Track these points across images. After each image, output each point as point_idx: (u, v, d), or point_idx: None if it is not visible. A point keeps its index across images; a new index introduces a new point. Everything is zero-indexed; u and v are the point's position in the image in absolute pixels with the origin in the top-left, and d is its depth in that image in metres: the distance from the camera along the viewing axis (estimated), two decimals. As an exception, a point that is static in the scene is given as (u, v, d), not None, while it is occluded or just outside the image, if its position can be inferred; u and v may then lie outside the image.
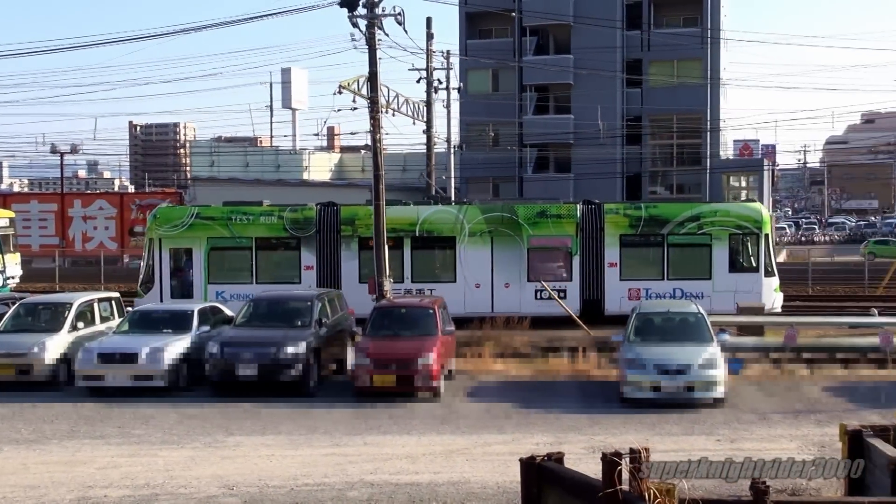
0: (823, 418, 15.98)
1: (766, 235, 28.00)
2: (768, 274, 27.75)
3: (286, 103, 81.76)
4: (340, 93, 27.65)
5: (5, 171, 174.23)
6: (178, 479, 12.71)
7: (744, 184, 61.16)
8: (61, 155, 70.94)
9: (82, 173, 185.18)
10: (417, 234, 28.14)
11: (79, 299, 21.75)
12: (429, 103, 38.46)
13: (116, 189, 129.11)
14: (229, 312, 22.23)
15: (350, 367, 20.32)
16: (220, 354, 18.73)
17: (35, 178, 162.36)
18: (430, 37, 38.59)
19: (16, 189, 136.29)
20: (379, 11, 24.65)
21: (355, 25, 24.60)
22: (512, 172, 54.38)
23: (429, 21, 38.95)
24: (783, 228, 77.77)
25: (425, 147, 39.33)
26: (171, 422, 16.45)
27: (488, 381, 20.29)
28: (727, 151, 66.77)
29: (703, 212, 28.22)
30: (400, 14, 25.09)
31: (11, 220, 33.84)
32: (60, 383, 19.70)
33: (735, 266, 27.77)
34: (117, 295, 23.84)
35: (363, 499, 11.83)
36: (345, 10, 24.28)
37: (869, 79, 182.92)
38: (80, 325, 21.06)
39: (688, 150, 56.53)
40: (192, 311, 20.77)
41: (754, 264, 27.82)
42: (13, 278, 32.38)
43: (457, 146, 43.50)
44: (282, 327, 19.62)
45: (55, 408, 17.72)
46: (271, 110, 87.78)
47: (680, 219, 27.87)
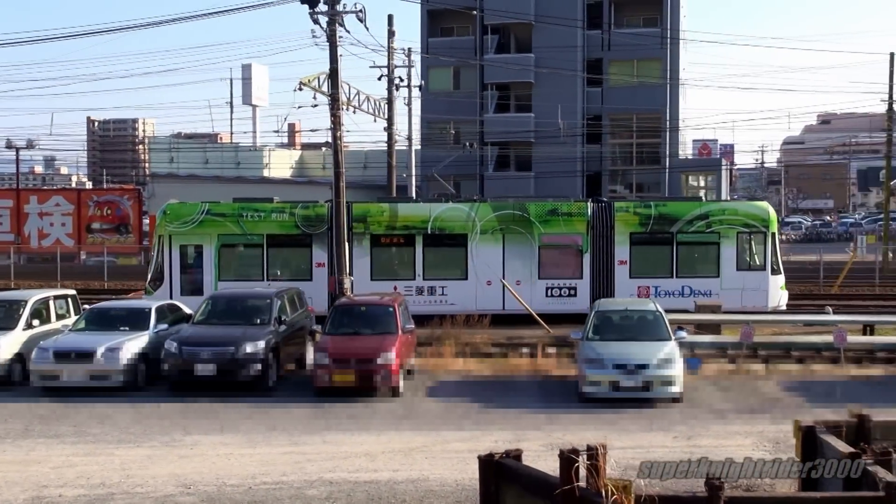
0: (778, 415, 16.17)
1: (773, 234, 28.40)
2: (775, 272, 28.17)
3: (246, 100, 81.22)
4: (301, 90, 27.50)
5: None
6: (135, 478, 12.60)
7: (702, 183, 61.73)
8: (17, 150, 69.98)
9: (39, 169, 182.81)
10: (429, 231, 28.20)
11: (34, 297, 21.45)
12: (390, 101, 38.43)
13: (74, 185, 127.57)
14: (188, 310, 22.07)
15: (309, 366, 20.29)
16: (178, 353, 18.58)
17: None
18: (391, 34, 38.56)
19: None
20: (340, 8, 24.61)
21: (316, 22, 24.54)
22: (473, 170, 54.46)
23: (390, 18, 38.92)
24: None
25: (386, 145, 39.30)
26: (127, 420, 16.30)
27: (448, 379, 20.31)
28: (686, 151, 67.48)
29: (711, 210, 28.51)
30: (361, 11, 25.06)
31: None
32: (15, 382, 19.43)
33: (742, 264, 28.14)
34: (73, 292, 23.56)
35: (322, 497, 11.80)
36: (306, 7, 24.21)
37: (825, 80, 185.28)
38: (36, 323, 20.77)
39: (647, 150, 56.95)
40: (150, 309, 20.59)
41: (761, 262, 28.17)
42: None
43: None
44: (240, 325, 19.51)
45: (9, 407, 17.49)
46: (231, 107, 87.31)
47: (689, 217, 28.15)
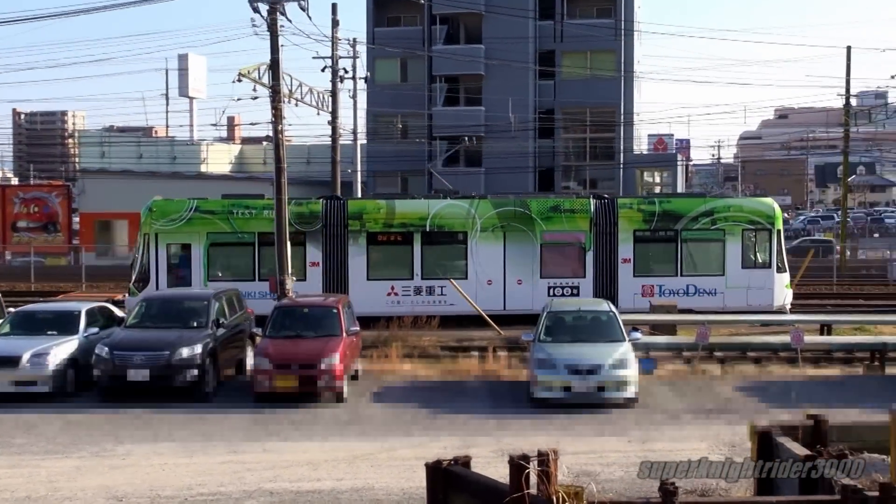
0: (734, 418, 16.38)
1: (779, 231, 28.75)
2: (780, 270, 28.52)
3: (183, 91, 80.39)
4: (240, 81, 27.20)
5: None
6: (63, 491, 12.42)
7: (657, 179, 62.35)
8: (-63, 144, 68.55)
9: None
10: (428, 228, 28.28)
11: (-46, 299, 21.03)
12: (334, 93, 38.27)
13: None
14: (120, 313, 21.80)
15: (249, 370, 20.14)
16: (109, 358, 18.32)
17: None
18: (335, 23, 38.40)
19: None
20: (281, -4, 24.41)
21: (256, 11, 24.34)
22: (421, 166, 54.45)
23: (334, 7, 38.76)
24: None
25: (330, 139, 39.15)
26: (55, 430, 16.05)
27: (395, 383, 20.29)
28: (641, 146, 68.07)
29: (716, 207, 28.85)
30: (304, -1, 24.87)
31: None
32: (-66, 390, 19.02)
33: (748, 262, 28.47)
34: (-3, 294, 23.15)
35: (261, 508, 11.72)
36: (244, -6, 23.98)
37: (782, 74, 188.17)
38: (-44, 327, 20.36)
39: (601, 145, 57.36)
40: (80, 312, 20.29)
41: (767, 260, 28.55)
42: None
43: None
44: (176, 328, 19.29)
45: (-72, 416, 17.13)
46: (167, 99, 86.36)
47: (693, 214, 28.44)
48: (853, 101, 52.32)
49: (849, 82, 49.07)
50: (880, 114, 51.85)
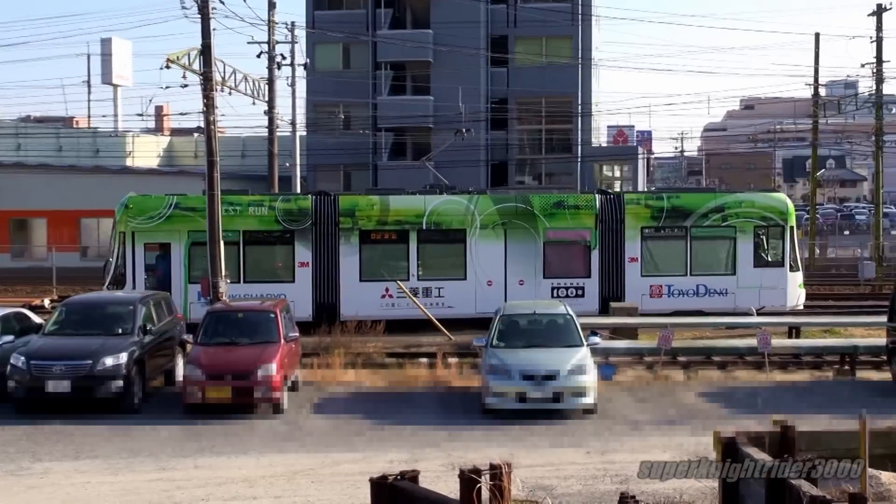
0: (698, 426, 16.57)
1: (792, 227, 29.10)
2: (793, 269, 28.89)
3: (106, 78, 79.40)
4: (168, 67, 26.90)
5: None
6: (-25, 514, 12.23)
7: (618, 173, 62.80)
8: None
9: None
10: (424, 226, 28.33)
11: None
12: (271, 81, 38.09)
13: None
14: (38, 319, 21.50)
15: (179, 380, 19.98)
16: (25, 368, 18.07)
17: None
18: (272, 5, 38.23)
19: None
20: (212, -25, 24.26)
21: (185, -9, 24.14)
22: (365, 159, 54.32)
23: (271, -12, 38.53)
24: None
25: (267, 130, 38.95)
26: (-34, 447, 15.80)
27: (338, 393, 20.26)
28: (600, 138, 68.47)
29: (727, 202, 29.09)
30: (237, -21, 24.74)
31: None
32: None
33: (760, 260, 28.77)
34: None
35: (193, 529, 11.64)
36: (173, -27, 23.80)
37: (748, 62, 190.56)
38: None
39: (558, 137, 57.62)
40: (-7, 318, 19.97)
41: (780, 258, 28.86)
42: None
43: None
44: (99, 335, 19.05)
45: None
46: (89, 86, 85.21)
47: (703, 210, 28.70)
48: (822, 91, 53.13)
49: (817, 71, 49.82)
50: (850, 104, 52.66)
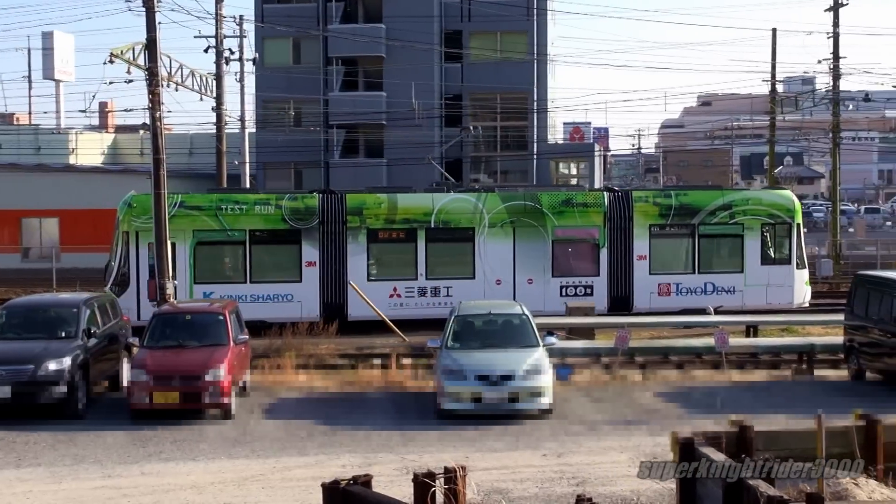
0: (656, 427, 16.72)
1: (798, 225, 29.59)
2: (800, 266, 29.36)
3: (48, 73, 78.49)
4: (112, 62, 26.70)
5: None
6: (-88, 525, 12.06)
7: (574, 171, 63.09)
8: None
9: None
10: (433, 225, 28.52)
11: None
12: (219, 76, 37.85)
13: None
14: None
15: (126, 384, 19.81)
16: (-36, 373, 17.81)
17: None
18: (219, -1, 37.95)
19: None
20: (157, -32, 24.10)
21: (129, -17, 23.96)
22: (317, 157, 54.15)
23: (218, -19, 38.27)
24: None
25: (215, 127, 38.71)
26: None
27: (289, 397, 20.20)
28: (556, 135, 68.77)
29: (734, 200, 29.61)
30: (183, -28, 24.57)
31: None
32: None
33: (767, 258, 29.23)
34: None
35: (140, 538, 11.56)
36: (116, -34, 23.61)
37: (705, 58, 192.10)
38: None
39: (513, 134, 57.78)
40: (-71, 322, 19.67)
41: (786, 256, 29.32)
42: None
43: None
44: (41, 339, 18.85)
45: None
46: (30, 82, 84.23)
47: (711, 207, 29.16)
48: (779, 88, 53.72)
49: (774, 67, 50.38)
50: (808, 101, 53.30)
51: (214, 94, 37.54)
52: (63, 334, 19.07)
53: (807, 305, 29.68)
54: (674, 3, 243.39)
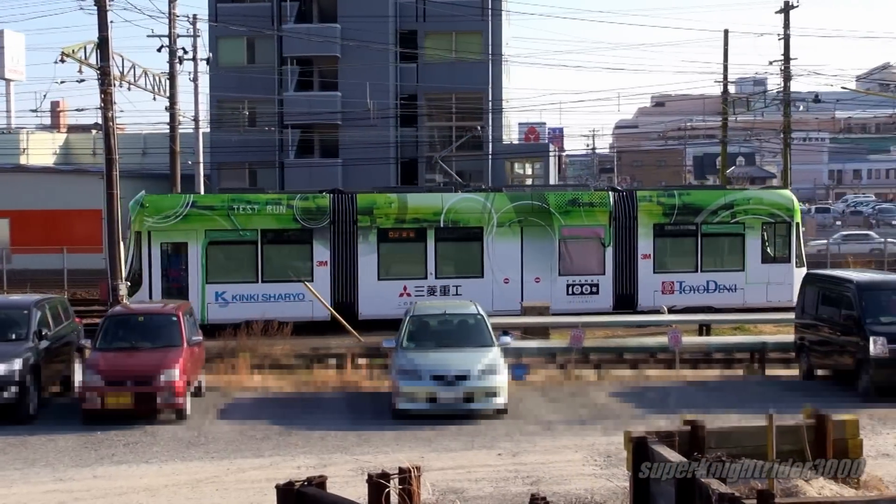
0: (610, 426, 16.81)
1: (797, 224, 30.02)
2: (798, 264, 29.67)
3: (-2, 73, 77.75)
4: (63, 61, 26.47)
5: None
6: None
7: (529, 171, 63.31)
8: None
9: None
10: (442, 224, 28.71)
11: None
12: (172, 76, 37.58)
13: None
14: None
15: (77, 387, 19.61)
16: (-88, 376, 17.56)
17: None
18: (172, -2, 37.66)
19: None
20: (109, -34, 23.91)
21: (81, -18, 23.76)
22: (271, 157, 53.92)
23: (171, -20, 37.98)
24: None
25: (169, 127, 38.44)
26: None
27: (244, 398, 20.11)
28: (511, 135, 68.95)
29: (736, 199, 30.02)
30: (135, -30, 24.42)
31: None
32: None
33: (767, 256, 29.67)
34: None
35: (92, 541, 11.46)
36: (67, -36, 23.41)
37: (658, 59, 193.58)
38: None
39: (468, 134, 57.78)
40: None
41: (786, 254, 29.71)
42: None
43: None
44: (-9, 341, 18.62)
45: None
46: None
47: (713, 207, 29.55)
48: (732, 89, 54.20)
49: (726, 68, 50.77)
50: (759, 102, 53.82)
51: (168, 94, 37.27)
52: (13, 336, 18.84)
53: None
54: (627, 5, 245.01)
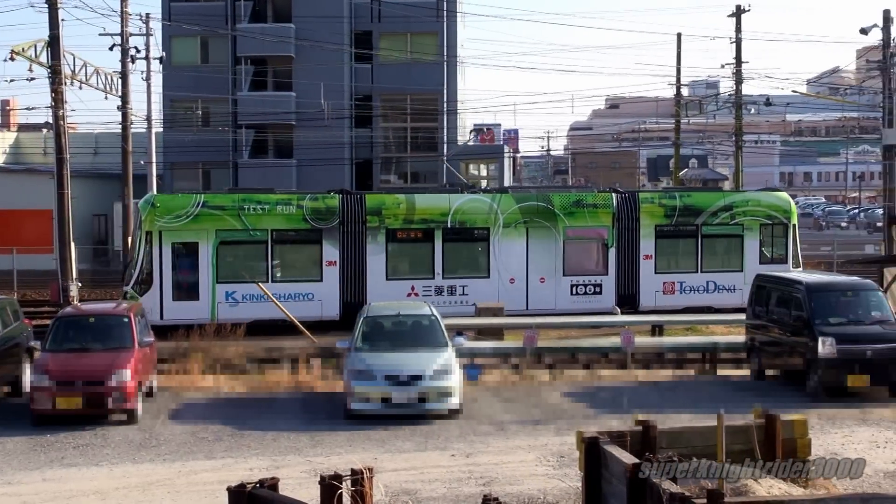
0: (563, 426, 16.87)
1: (794, 226, 30.51)
2: (795, 265, 30.15)
3: (-54, 70, 76.75)
4: (13, 59, 26.16)
5: None
6: None
7: (484, 172, 63.42)
8: None
9: None
10: (449, 224, 28.92)
11: None
12: (124, 75, 37.32)
13: None
14: None
15: (27, 389, 19.39)
16: None
17: None
18: (125, -4, 37.39)
19: None
20: (60, -36, 23.67)
21: (31, -21, 23.50)
22: (225, 157, 53.61)
23: (123, -22, 37.69)
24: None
25: (121, 126, 38.14)
26: None
27: (196, 400, 19.97)
28: (466, 136, 69.02)
29: (735, 201, 30.57)
30: (87, -32, 24.18)
31: None
32: None
33: (765, 257, 30.09)
34: None
35: (41, 545, 11.33)
36: (17, -39, 23.14)
37: (612, 61, 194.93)
38: None
39: (423, 135, 57.86)
40: None
41: (783, 255, 30.24)
42: None
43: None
44: (-61, 343, 18.38)
45: None
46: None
47: (713, 208, 30.03)
48: (685, 91, 54.62)
49: (679, 71, 51.25)
50: (711, 104, 54.33)
51: (120, 93, 36.98)
52: (-39, 338, 18.60)
53: None
54: (581, 7, 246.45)
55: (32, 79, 27.73)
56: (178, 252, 28.05)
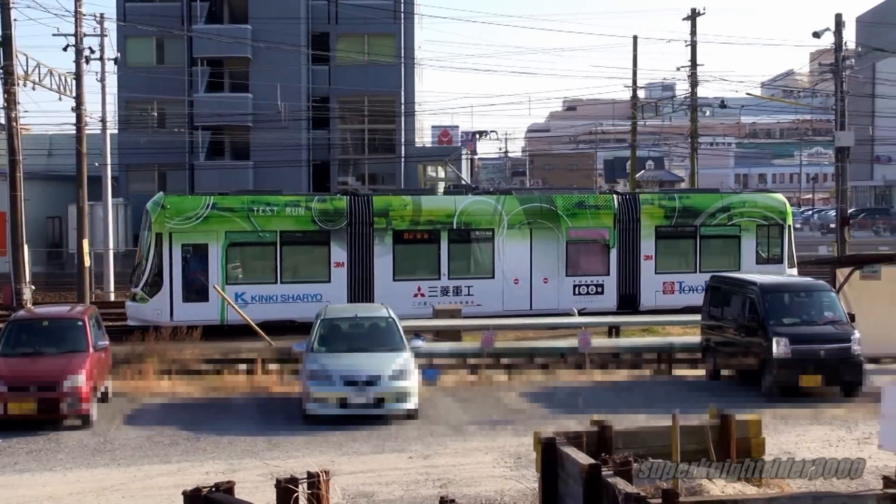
0: (521, 427, 16.92)
1: (790, 226, 31.03)
2: (791, 266, 30.67)
3: None
4: (-35, 60, 25.88)
5: None
6: None
7: (441, 174, 63.43)
8: None
9: None
10: (455, 226, 29.13)
11: None
12: (79, 75, 36.92)
13: None
14: None
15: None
16: None
17: None
18: (79, -4, 37.00)
19: None
20: (13, -37, 23.43)
21: (-18, -21, 23.24)
22: (182, 159, 53.25)
23: (77, -22, 37.30)
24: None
25: (75, 128, 37.77)
26: None
27: (151, 403, 19.82)
28: (424, 138, 69.11)
29: (732, 202, 31.04)
30: (40, -32, 23.95)
31: None
32: None
33: (761, 258, 30.62)
34: None
35: (-7, 552, 11.20)
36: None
37: (568, 64, 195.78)
38: None
39: (381, 137, 57.82)
40: None
41: (779, 255, 30.72)
42: None
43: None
44: None
45: None
46: None
47: (711, 210, 30.51)
48: (641, 94, 54.98)
49: (636, 73, 51.58)
50: (667, 106, 54.72)
51: (74, 94, 36.63)
52: (-89, 342, 18.31)
53: None
54: (538, 10, 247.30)
55: (-15, 79, 27.42)
56: (187, 253, 28.12)
